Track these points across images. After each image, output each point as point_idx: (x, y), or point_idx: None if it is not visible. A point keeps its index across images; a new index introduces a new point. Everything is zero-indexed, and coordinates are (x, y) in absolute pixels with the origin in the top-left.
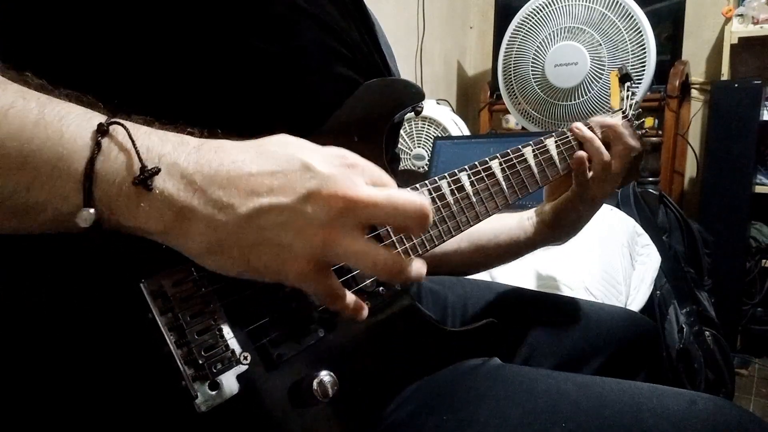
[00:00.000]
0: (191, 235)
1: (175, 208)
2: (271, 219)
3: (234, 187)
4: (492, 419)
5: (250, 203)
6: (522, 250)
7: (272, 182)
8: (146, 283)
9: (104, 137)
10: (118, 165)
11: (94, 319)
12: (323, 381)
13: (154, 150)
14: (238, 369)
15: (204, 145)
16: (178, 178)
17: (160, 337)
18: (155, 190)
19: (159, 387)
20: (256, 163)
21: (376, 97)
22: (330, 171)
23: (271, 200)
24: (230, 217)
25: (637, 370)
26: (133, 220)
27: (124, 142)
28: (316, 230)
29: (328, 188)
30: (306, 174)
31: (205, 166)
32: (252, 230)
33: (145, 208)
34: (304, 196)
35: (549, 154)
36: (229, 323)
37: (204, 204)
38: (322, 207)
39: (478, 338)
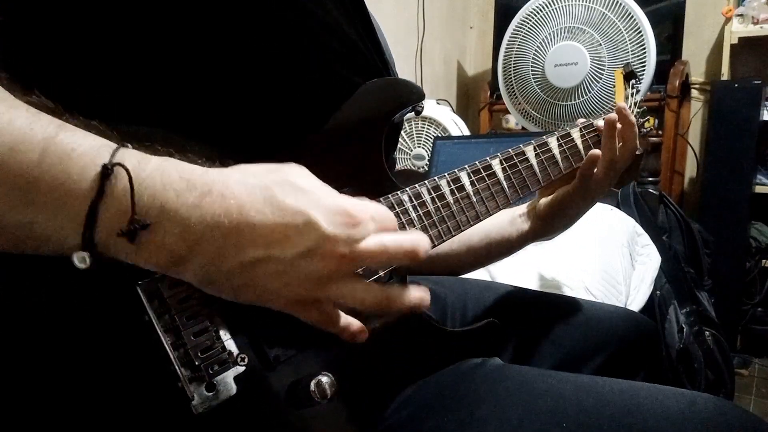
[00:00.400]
0: (186, 275)
1: (173, 255)
2: (263, 269)
3: (235, 236)
4: (492, 419)
5: (247, 254)
6: (514, 247)
7: (273, 235)
8: (143, 285)
9: (107, 181)
10: (119, 211)
11: (91, 321)
12: (321, 382)
13: (157, 197)
14: (236, 370)
15: (211, 192)
16: (178, 230)
17: (157, 339)
18: (150, 241)
19: (156, 389)
20: (262, 214)
21: (376, 98)
22: (332, 232)
23: (267, 253)
24: (225, 264)
25: (636, 370)
26: (132, 260)
27: (125, 189)
28: (306, 283)
29: (326, 249)
30: (308, 231)
31: (208, 215)
32: (243, 276)
33: (142, 253)
34: (302, 253)
35: (551, 153)
36: (225, 325)
37: (201, 253)
38: (317, 265)
39: (479, 338)
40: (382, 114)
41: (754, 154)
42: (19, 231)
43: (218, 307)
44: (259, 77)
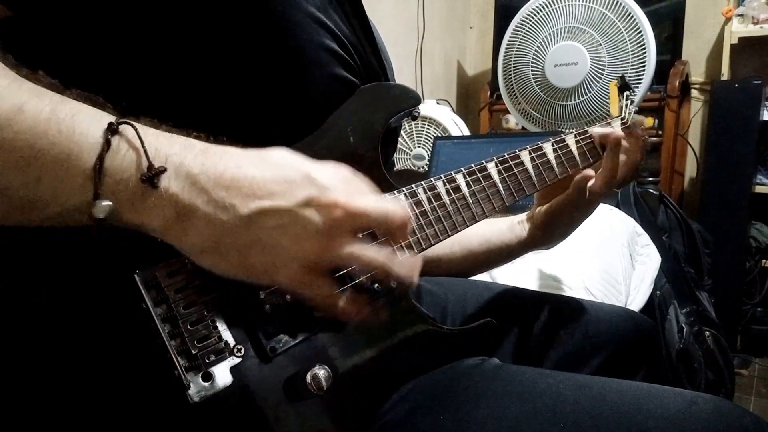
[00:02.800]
0: (190, 233)
1: (178, 206)
2: (270, 221)
3: (237, 188)
4: (490, 419)
5: (251, 204)
6: (513, 254)
7: (274, 186)
8: (140, 275)
9: (114, 135)
10: (127, 162)
11: (89, 309)
12: (317, 374)
13: (162, 150)
14: (232, 361)
15: (210, 149)
16: (183, 178)
17: (154, 327)
18: (161, 188)
19: (152, 377)
20: (260, 168)
21: (373, 101)
22: (329, 182)
23: (272, 203)
24: (230, 216)
25: (636, 370)
26: (136, 216)
27: (133, 141)
28: (313, 237)
29: (327, 197)
30: (306, 182)
31: (210, 168)
32: (250, 231)
33: (149, 205)
34: (304, 202)
35: (546, 158)
36: (222, 315)
37: (206, 203)
38: (320, 214)
39: (476, 338)
40: (378, 118)
41: (754, 154)
42: (27, 189)
43: (215, 297)
44: (257, 78)
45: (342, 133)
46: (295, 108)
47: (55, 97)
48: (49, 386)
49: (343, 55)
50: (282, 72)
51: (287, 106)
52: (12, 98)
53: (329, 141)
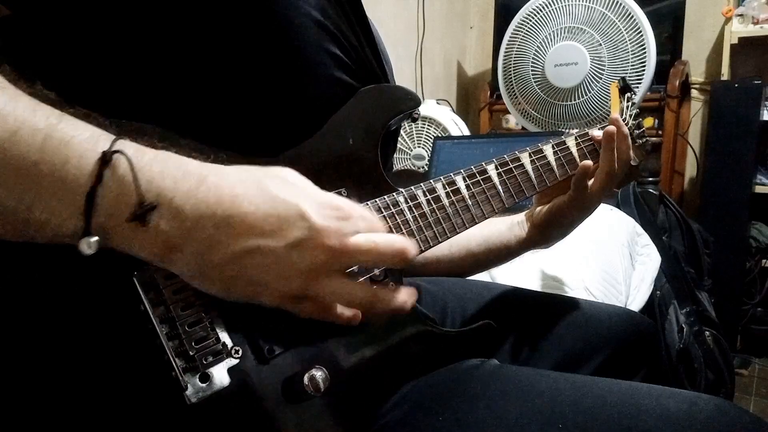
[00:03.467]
0: (178, 264)
1: (167, 243)
2: (255, 260)
3: (228, 225)
4: (489, 419)
5: (239, 244)
6: (512, 253)
7: (264, 225)
8: (139, 276)
9: (106, 168)
10: (118, 197)
11: (87, 310)
12: (315, 376)
13: (155, 183)
14: (229, 362)
15: (206, 180)
16: (173, 215)
17: (152, 328)
18: (150, 225)
19: (150, 378)
20: (254, 204)
21: (373, 103)
22: (322, 223)
23: (259, 242)
24: (216, 255)
25: (636, 370)
26: (126, 248)
27: (125, 175)
28: (296, 275)
29: (317, 240)
30: (299, 222)
31: (202, 204)
32: (236, 267)
33: (138, 240)
34: (293, 244)
35: (546, 160)
36: (220, 316)
37: (194, 241)
38: (307, 256)
39: (475, 339)
40: (378, 120)
41: (754, 154)
42: (19, 215)
43: (213, 299)
44: (258, 80)
45: (342, 135)
46: (295, 110)
47: (51, 117)
48: (47, 387)
49: (344, 57)
50: (283, 74)
51: (288, 109)
52: (5, 123)
53: (329, 143)
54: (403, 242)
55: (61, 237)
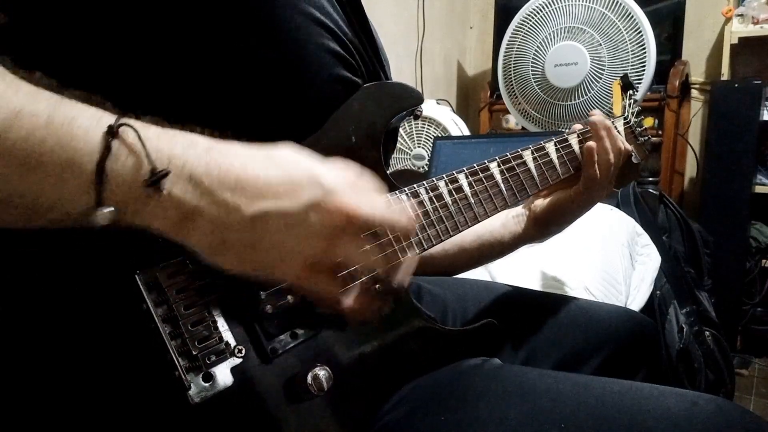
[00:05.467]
0: (195, 233)
1: (181, 209)
2: (273, 223)
3: (241, 189)
4: (490, 419)
5: (256, 206)
6: (506, 249)
7: (279, 188)
8: (141, 275)
9: (114, 139)
10: (128, 167)
11: (90, 310)
12: (318, 375)
13: (164, 151)
14: (232, 362)
15: (214, 147)
16: (186, 181)
17: (155, 328)
18: (164, 192)
19: (153, 377)
20: (265, 168)
21: (375, 101)
22: (335, 185)
23: (276, 205)
24: (235, 218)
25: (636, 370)
26: (140, 220)
27: (134, 144)
28: (317, 239)
29: (332, 201)
30: (312, 184)
31: (213, 167)
32: (254, 231)
33: (153, 208)
34: (308, 206)
35: (549, 158)
36: (223, 316)
37: (210, 206)
38: (324, 219)
39: (477, 339)
40: (380, 118)
41: (754, 154)
42: (28, 197)
43: (216, 298)
44: (260, 79)
45: (344, 133)
46: (297, 108)
47: (52, 99)
48: (50, 386)
49: (345, 55)
50: (284, 73)
51: (289, 107)
52: (8, 104)
53: (331, 140)
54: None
55: (73, 216)
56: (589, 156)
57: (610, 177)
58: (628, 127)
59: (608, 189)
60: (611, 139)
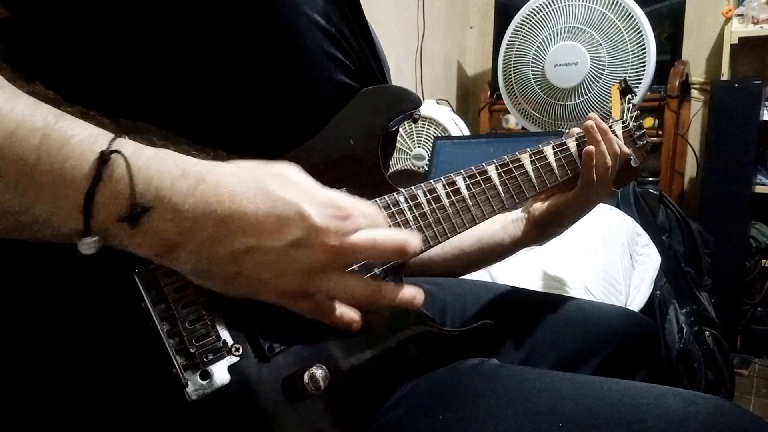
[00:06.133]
0: (179, 263)
1: (165, 242)
2: (255, 258)
3: (226, 224)
4: (489, 419)
5: (238, 243)
6: (506, 252)
7: (263, 225)
8: (140, 273)
9: (104, 167)
10: (116, 197)
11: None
12: (315, 374)
13: (153, 183)
14: (230, 360)
15: (205, 179)
16: (172, 215)
17: (153, 326)
18: (146, 226)
19: (151, 375)
20: (253, 204)
21: (373, 104)
22: (322, 222)
23: (259, 242)
24: (217, 252)
25: (636, 370)
26: (125, 247)
27: (123, 175)
28: (296, 274)
29: (316, 239)
30: (298, 221)
31: (201, 203)
32: (235, 265)
33: (138, 239)
34: (292, 243)
35: (547, 161)
36: (221, 314)
37: (194, 240)
38: (307, 255)
39: (475, 339)
40: (379, 121)
41: (754, 154)
42: (19, 215)
43: (214, 297)
44: (260, 83)
45: (343, 136)
46: (296, 112)
47: (49, 117)
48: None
49: (344, 60)
50: (284, 77)
51: (289, 110)
52: (5, 122)
53: (330, 144)
54: (402, 237)
55: (62, 236)
56: (587, 159)
57: (607, 180)
58: (627, 131)
59: (606, 192)
60: (608, 142)
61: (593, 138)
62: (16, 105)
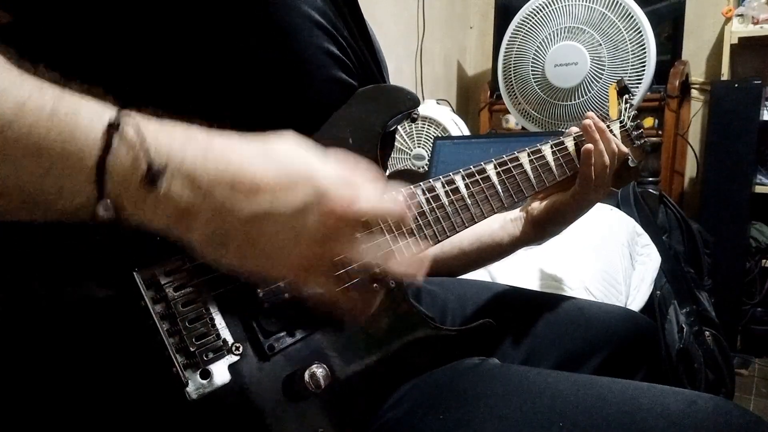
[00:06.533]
0: (193, 232)
1: (179, 206)
2: (269, 223)
3: (238, 187)
4: (489, 419)
5: (249, 207)
6: (505, 251)
7: (274, 189)
8: (139, 273)
9: (115, 134)
10: (128, 162)
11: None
12: (315, 373)
13: (163, 148)
14: (230, 359)
15: (212, 143)
16: (184, 178)
17: (153, 325)
18: (161, 189)
19: (151, 374)
20: (263, 168)
21: (372, 103)
22: (330, 185)
23: (272, 205)
24: (231, 217)
25: (636, 370)
26: (138, 216)
27: (134, 140)
28: (309, 241)
29: (325, 204)
30: (308, 184)
31: (211, 164)
32: (251, 231)
33: (151, 205)
34: (302, 209)
35: (545, 160)
36: (221, 313)
37: (207, 204)
38: (317, 222)
39: (475, 338)
40: (377, 120)
41: (754, 154)
42: (30, 188)
43: (214, 295)
44: (258, 81)
45: (341, 135)
46: (294, 110)
47: (56, 91)
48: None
49: (342, 57)
50: (282, 75)
51: (287, 109)
52: (14, 95)
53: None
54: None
55: (74, 209)
56: (586, 158)
57: (606, 179)
58: (624, 131)
59: (605, 191)
60: (606, 141)
61: (591, 137)
62: (24, 80)
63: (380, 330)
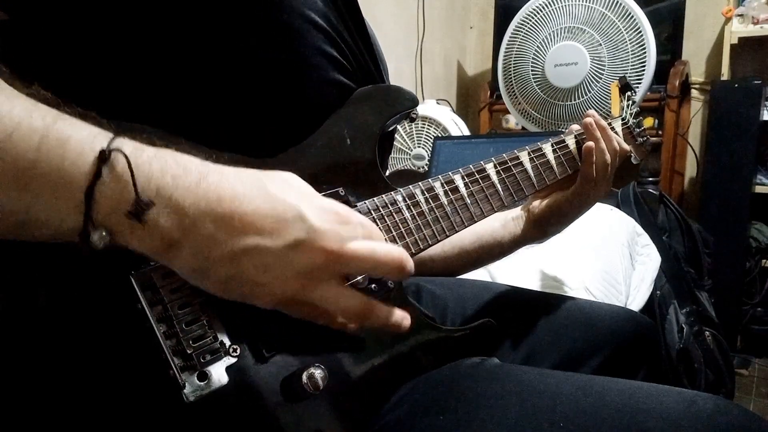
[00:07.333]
0: (178, 261)
1: (165, 238)
2: (254, 260)
3: (227, 224)
4: (489, 419)
5: (237, 243)
6: (506, 250)
7: (264, 225)
8: (136, 275)
9: (105, 165)
10: (117, 194)
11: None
12: (313, 374)
13: (153, 180)
14: (228, 361)
15: (206, 177)
16: (172, 212)
17: (149, 327)
18: (148, 222)
19: (148, 377)
20: (254, 203)
21: (371, 104)
22: (321, 225)
23: (258, 242)
24: (215, 252)
25: (636, 370)
26: (125, 244)
27: (124, 171)
28: (294, 278)
29: (315, 241)
30: (297, 223)
31: (202, 200)
32: (235, 266)
33: (138, 235)
34: (291, 245)
35: (546, 159)
36: (218, 315)
37: (193, 239)
38: (305, 258)
39: (475, 338)
40: (376, 121)
41: (754, 154)
42: (18, 215)
43: (211, 298)
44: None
45: (340, 135)
46: (293, 111)
47: (47, 117)
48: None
49: (341, 59)
50: (281, 76)
51: (286, 109)
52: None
53: (326, 143)
54: (401, 253)
55: (61, 235)
56: (587, 156)
57: (607, 177)
58: (626, 128)
59: (606, 189)
60: (607, 139)
61: (592, 134)
62: (15, 106)
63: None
